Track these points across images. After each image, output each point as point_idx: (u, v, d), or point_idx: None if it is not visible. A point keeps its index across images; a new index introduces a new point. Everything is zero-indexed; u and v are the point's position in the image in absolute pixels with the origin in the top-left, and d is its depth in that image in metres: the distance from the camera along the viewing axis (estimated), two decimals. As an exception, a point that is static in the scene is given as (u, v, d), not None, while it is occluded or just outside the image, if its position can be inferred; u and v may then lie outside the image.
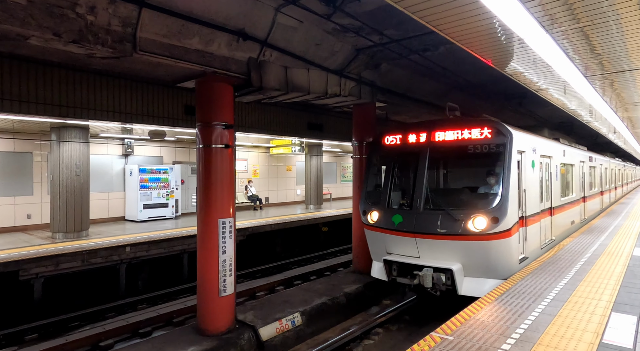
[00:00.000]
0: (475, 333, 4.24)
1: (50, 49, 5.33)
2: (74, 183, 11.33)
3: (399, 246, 7.44)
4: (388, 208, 7.78)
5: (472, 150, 7.02)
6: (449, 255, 6.81)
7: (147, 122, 9.83)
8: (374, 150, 8.62)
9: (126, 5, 4.93)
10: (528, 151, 7.60)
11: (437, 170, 8.97)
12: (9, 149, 12.60)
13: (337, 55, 8.08)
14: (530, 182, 7.65)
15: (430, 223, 6.89)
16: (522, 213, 7.23)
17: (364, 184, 8.55)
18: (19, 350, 6.63)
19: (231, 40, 6.31)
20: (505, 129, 6.84)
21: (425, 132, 7.56)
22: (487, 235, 6.41)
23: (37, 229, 12.87)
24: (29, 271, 8.72)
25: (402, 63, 9.20)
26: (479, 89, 11.49)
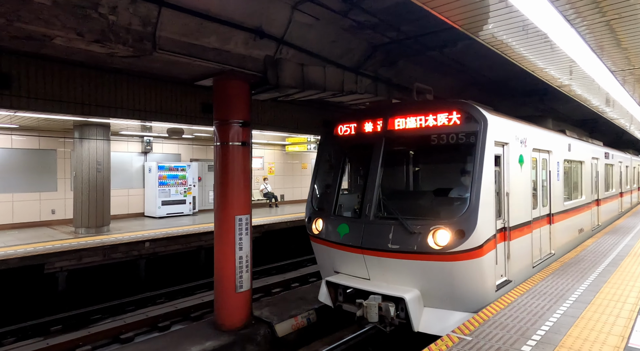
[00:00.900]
0: (494, 334, 4.17)
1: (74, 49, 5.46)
2: (96, 179, 11.63)
3: (346, 264, 5.97)
4: (334, 215, 6.24)
5: (436, 141, 5.54)
6: (404, 279, 5.36)
7: (165, 120, 10.00)
8: (325, 143, 7.10)
9: (146, 4, 5.02)
10: (513, 143, 6.04)
11: (394, 167, 7.08)
12: (35, 147, 13.02)
13: (353, 53, 8.04)
14: (517, 183, 6.12)
15: (380, 236, 5.43)
16: (503, 224, 5.72)
17: (311, 184, 6.92)
18: (45, 341, 6.87)
19: (248, 39, 6.35)
20: (477, 113, 5.33)
21: (381, 119, 6.09)
22: (450, 254, 4.92)
23: (61, 224, 13.28)
24: (53, 265, 9.01)
25: (419, 60, 9.09)
26: (497, 86, 11.26)
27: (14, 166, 12.54)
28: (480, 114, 5.32)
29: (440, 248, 4.99)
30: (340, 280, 5.88)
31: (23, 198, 12.72)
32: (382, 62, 8.81)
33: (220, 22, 5.83)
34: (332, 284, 6.00)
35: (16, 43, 5.36)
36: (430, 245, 5.05)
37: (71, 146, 12.90)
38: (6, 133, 12.30)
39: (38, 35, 4.60)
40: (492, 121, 5.38)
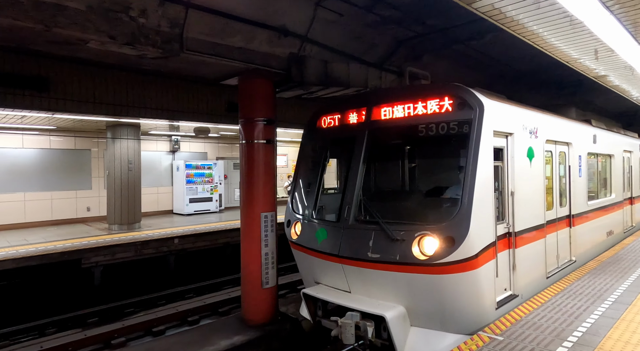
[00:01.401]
0: (527, 334, 4.04)
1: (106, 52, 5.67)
2: (127, 178, 12.05)
3: (325, 274, 5.32)
4: (312, 219, 5.61)
5: (424, 131, 4.77)
6: (387, 293, 4.64)
7: (192, 119, 10.25)
8: (307, 137, 6.36)
9: (174, 6, 5.13)
10: (520, 134, 5.24)
11: (378, 163, 6.27)
12: (71, 147, 13.63)
13: (377, 48, 7.95)
14: (525, 180, 5.30)
15: (360, 244, 4.73)
16: (507, 228, 4.95)
17: (292, 184, 6.26)
18: (83, 332, 7.20)
19: (272, 37, 6.39)
20: (471, 97, 4.54)
21: (364, 108, 5.43)
22: (437, 266, 4.15)
23: (95, 221, 13.85)
24: (89, 260, 9.42)
25: (445, 54, 8.89)
26: (527, 79, 10.87)
27: (52, 166, 13.18)
28: (474, 99, 4.49)
29: (426, 258, 4.22)
30: (317, 292, 5.16)
31: (61, 196, 13.36)
32: (407, 57, 8.67)
33: (244, 22, 5.89)
34: (310, 297, 5.30)
35: (53, 47, 5.62)
36: (415, 254, 4.29)
37: (104, 145, 13.43)
38: (45, 134, 12.93)
39: (74, 40, 4.79)
40: (490, 107, 4.55)
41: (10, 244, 9.80)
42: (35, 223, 12.74)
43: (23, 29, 4.41)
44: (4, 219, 12.18)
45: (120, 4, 4.70)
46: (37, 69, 7.41)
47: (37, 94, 7.44)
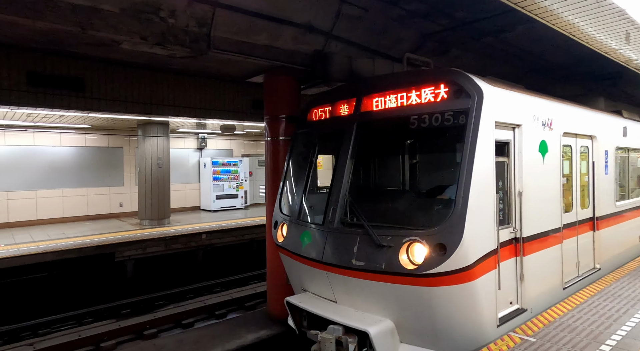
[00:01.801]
0: (562, 336, 3.90)
1: (137, 52, 5.87)
2: (157, 174, 12.44)
3: (311, 281, 4.91)
4: (298, 220, 5.17)
5: (416, 124, 4.25)
6: (373, 305, 4.21)
7: (218, 117, 10.45)
8: (297, 131, 5.88)
9: (202, 6, 5.24)
10: (530, 126, 4.66)
11: (367, 160, 5.79)
12: (104, 145, 14.19)
13: (403, 43, 7.83)
14: (536, 178, 4.73)
15: (344, 249, 4.28)
16: (513, 233, 4.42)
17: (282, 182, 5.78)
18: (117, 322, 7.51)
19: (297, 34, 6.41)
20: (469, 84, 4.00)
21: (354, 99, 4.93)
22: (427, 277, 3.68)
23: (127, 216, 14.38)
24: (122, 254, 9.81)
25: (473, 47, 8.65)
26: (561, 71, 10.41)
27: (87, 163, 13.77)
28: (472, 86, 3.97)
29: (414, 267, 3.73)
30: (300, 302, 4.74)
31: (95, 192, 13.95)
32: (433, 52, 8.50)
33: (270, 19, 5.94)
34: (291, 306, 4.90)
35: (89, 49, 5.87)
36: (402, 263, 3.81)
37: (135, 143, 13.90)
38: (81, 133, 13.53)
39: (108, 41, 4.98)
40: (490, 94, 4.01)
41: (51, 238, 10.33)
42: (73, 217, 13.37)
43: (61, 32, 4.62)
44: (45, 213, 12.84)
45: (151, 5, 4.84)
46: (74, 71, 7.74)
47: (74, 94, 7.78)
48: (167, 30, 5.17)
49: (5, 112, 8.97)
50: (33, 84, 7.27)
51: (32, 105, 7.42)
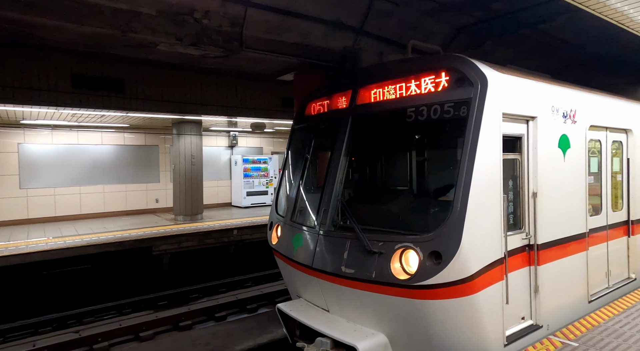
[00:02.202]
0: (607, 342, 3.70)
1: (172, 53, 6.07)
2: (191, 171, 12.83)
3: (303, 287, 4.62)
4: (291, 221, 4.83)
5: (413, 117, 3.84)
6: (365, 316, 3.88)
7: (248, 115, 10.64)
8: (295, 127, 5.53)
9: (234, 6, 5.34)
10: (546, 118, 4.14)
11: (363, 157, 5.39)
12: (141, 143, 14.79)
13: (435, 37, 7.65)
14: (554, 177, 4.23)
15: (334, 254, 3.98)
16: (526, 239, 3.97)
17: (278, 180, 5.54)
18: (155, 314, 7.84)
19: (327, 31, 6.41)
20: (472, 70, 3.56)
21: (350, 90, 4.53)
22: (420, 288, 3.32)
23: (163, 212, 14.93)
24: (159, 248, 10.21)
25: (509, 40, 8.33)
26: (607, 63, 9.83)
27: (126, 161, 14.41)
28: (475, 73, 3.52)
29: (407, 277, 3.36)
30: (290, 309, 4.44)
31: (133, 189, 14.57)
32: (467, 45, 8.25)
33: (300, 17, 5.97)
34: (281, 313, 4.61)
35: (128, 51, 6.13)
36: (393, 272, 3.45)
37: (170, 141, 14.39)
38: (120, 131, 14.16)
39: (146, 43, 5.19)
40: (497, 82, 3.55)
41: (93, 232, 10.91)
42: (112, 212, 14.03)
43: (103, 35, 4.86)
44: (88, 208, 13.57)
45: (186, 6, 4.99)
46: (114, 72, 8.11)
47: (113, 94, 8.16)
48: (201, 31, 5.31)
49: (52, 112, 9.53)
50: (77, 86, 7.68)
51: (76, 106, 7.85)
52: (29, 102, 7.36)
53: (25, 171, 12.47)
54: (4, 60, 7.04)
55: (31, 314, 8.25)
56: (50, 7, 4.25)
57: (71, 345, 6.45)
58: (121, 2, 4.48)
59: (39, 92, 7.33)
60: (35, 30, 5.43)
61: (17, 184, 12.36)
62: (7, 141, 12.19)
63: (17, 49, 7.04)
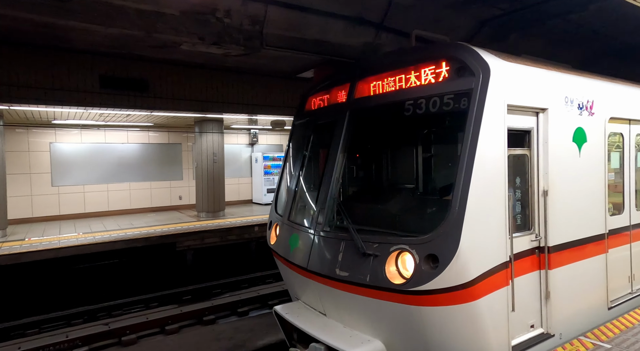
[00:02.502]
0: (640, 343, 3.55)
1: (195, 52, 6.17)
2: (213, 169, 13.05)
3: (301, 290, 4.48)
4: (288, 221, 4.67)
5: (411, 110, 3.61)
6: (360, 322, 3.71)
7: (269, 113, 10.71)
8: (295, 123, 5.38)
9: (255, 4, 5.38)
10: (559, 110, 3.86)
11: (360, 153, 5.18)
12: (165, 141, 15.14)
13: (458, 31, 7.48)
14: (568, 174, 3.95)
15: (330, 256, 3.81)
16: (535, 241, 3.70)
17: (279, 178, 5.41)
18: (179, 308, 8.04)
19: (347, 27, 6.38)
20: (474, 59, 3.33)
21: (348, 84, 4.33)
22: (416, 294, 3.13)
23: (186, 208, 15.26)
24: (183, 244, 10.45)
25: (536, 31, 8.06)
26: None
27: (150, 159, 14.79)
28: (477, 62, 3.27)
29: (402, 281, 3.17)
30: (286, 312, 4.30)
31: (158, 186, 14.95)
32: (491, 38, 8.04)
33: (320, 14, 5.96)
34: (278, 316, 4.47)
35: (153, 51, 6.27)
36: (388, 276, 3.26)
37: (193, 139, 14.67)
38: (144, 130, 14.54)
39: (169, 43, 5.29)
40: (500, 71, 3.31)
41: (120, 228, 11.27)
42: (138, 209, 14.45)
43: (129, 37, 4.99)
44: (115, 205, 14.02)
45: (208, 6, 5.06)
46: (139, 72, 8.32)
47: (138, 94, 8.38)
48: (222, 30, 5.38)
49: (81, 112, 9.87)
50: (104, 86, 7.92)
51: (104, 105, 8.10)
52: (59, 103, 7.64)
53: (57, 169, 12.99)
54: (35, 62, 7.33)
55: (64, 306, 8.61)
56: (80, 10, 4.40)
57: (101, 336, 6.70)
58: (146, 3, 4.58)
59: (69, 92, 7.60)
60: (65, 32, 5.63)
61: (50, 181, 12.89)
62: (40, 140, 12.72)
63: (48, 51, 7.33)
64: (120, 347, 6.51)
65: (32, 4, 4.33)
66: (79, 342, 6.45)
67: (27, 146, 12.54)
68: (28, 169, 12.54)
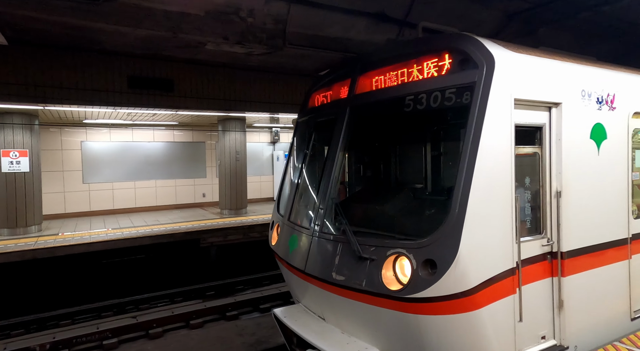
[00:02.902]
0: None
1: (218, 52, 6.26)
2: (235, 167, 13.24)
3: (300, 292, 4.36)
4: (288, 221, 4.52)
5: (411, 106, 3.43)
6: (358, 329, 3.58)
7: (291, 111, 10.77)
8: (298, 120, 5.20)
9: (278, 3, 5.41)
10: (574, 104, 3.59)
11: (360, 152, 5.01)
12: (189, 140, 15.46)
13: (483, 26, 7.30)
14: (585, 173, 3.68)
15: (327, 259, 3.67)
16: (548, 246, 3.45)
17: (281, 177, 5.29)
18: (203, 303, 8.21)
19: (370, 24, 6.33)
20: (478, 50, 3.12)
21: (349, 79, 4.17)
22: (413, 302, 2.96)
23: (210, 206, 15.55)
24: (206, 240, 10.66)
25: (566, 25, 7.76)
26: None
27: (175, 157, 15.15)
28: (481, 53, 3.07)
29: (399, 287, 3.00)
30: (284, 316, 4.18)
31: (182, 183, 15.30)
32: (518, 33, 7.80)
33: (343, 12, 5.94)
34: (277, 319, 4.35)
35: (178, 52, 6.41)
36: (384, 282, 3.08)
37: (216, 138, 14.92)
38: (170, 129, 14.90)
39: (194, 43, 5.39)
40: (506, 63, 3.09)
41: (147, 224, 11.60)
42: (164, 206, 14.83)
43: (156, 38, 5.11)
44: (142, 202, 14.45)
45: (232, 6, 5.13)
46: (164, 72, 8.53)
47: (164, 93, 8.59)
48: (245, 29, 5.44)
49: (110, 112, 10.21)
50: (132, 86, 8.16)
51: (131, 105, 8.34)
52: (90, 103, 7.93)
53: (87, 166, 13.49)
54: (67, 64, 7.62)
55: (94, 299, 8.95)
56: (110, 12, 4.55)
57: (129, 329, 6.92)
58: (172, 4, 4.69)
59: (99, 92, 7.88)
60: (96, 35, 5.83)
61: (81, 179, 13.40)
62: (72, 139, 13.24)
63: (80, 53, 7.61)
64: (147, 340, 6.71)
65: (66, 7, 4.51)
66: (109, 334, 6.69)
67: (60, 145, 13.08)
68: (61, 166, 13.09)
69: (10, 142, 10.08)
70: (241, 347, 6.06)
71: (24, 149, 10.23)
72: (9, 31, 5.26)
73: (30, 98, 7.42)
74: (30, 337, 6.62)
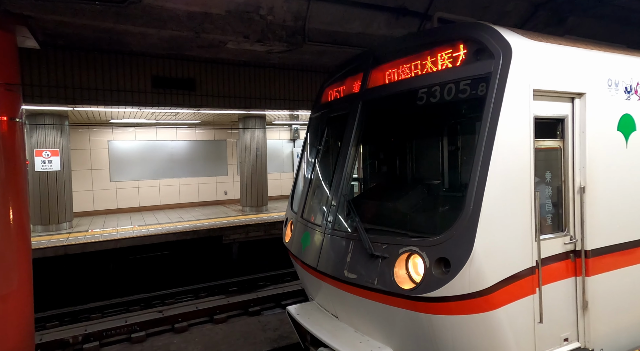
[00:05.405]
0: None
1: (239, 51, 6.32)
2: (256, 165, 13.37)
3: (314, 290, 4.31)
4: (301, 219, 4.47)
5: (424, 99, 3.32)
6: (371, 327, 3.51)
7: (310, 108, 10.77)
8: (312, 116, 5.13)
9: (298, 0, 5.41)
10: (599, 94, 3.41)
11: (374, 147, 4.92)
12: (211, 138, 15.72)
13: (510, 16, 7.09)
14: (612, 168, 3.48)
15: (339, 256, 3.61)
16: (571, 244, 3.29)
17: (295, 174, 5.19)
18: (227, 298, 8.36)
19: (390, 19, 6.25)
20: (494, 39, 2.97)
21: (361, 73, 4.06)
22: (425, 301, 2.88)
23: (231, 203, 15.78)
24: (229, 237, 10.83)
25: (598, 12, 7.45)
26: None
27: (197, 155, 15.44)
28: (497, 42, 2.92)
29: (412, 286, 2.92)
30: (297, 313, 4.14)
31: (205, 181, 15.59)
32: (546, 23, 7.54)
33: (363, 7, 5.88)
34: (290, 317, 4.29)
35: (200, 51, 6.50)
36: (396, 280, 3.01)
37: (237, 136, 15.11)
38: (192, 128, 15.19)
39: (216, 42, 5.46)
40: (524, 52, 2.94)
41: (171, 221, 11.88)
42: (187, 203, 15.16)
43: (179, 38, 5.20)
44: (166, 199, 14.81)
45: (252, 4, 5.16)
46: (187, 72, 8.68)
47: (187, 93, 8.74)
48: (266, 27, 5.47)
49: (135, 112, 10.48)
50: (156, 86, 8.35)
51: (155, 105, 8.54)
52: (116, 103, 8.16)
53: (114, 165, 13.92)
54: (95, 65, 7.87)
55: (123, 293, 9.25)
56: (136, 14, 4.66)
57: (155, 323, 7.12)
58: (194, 5, 4.76)
59: (125, 93, 8.09)
60: (123, 36, 5.99)
61: (108, 177, 13.85)
62: (100, 138, 13.69)
63: (107, 55, 7.84)
64: (174, 334, 6.88)
65: (94, 11, 4.65)
66: (137, 327, 6.90)
67: (89, 144, 13.54)
68: (89, 165, 13.56)
69: (42, 142, 10.52)
70: (265, 342, 6.13)
71: (55, 149, 10.66)
72: (41, 36, 5.47)
73: (61, 99, 7.70)
74: (63, 329, 6.90)
